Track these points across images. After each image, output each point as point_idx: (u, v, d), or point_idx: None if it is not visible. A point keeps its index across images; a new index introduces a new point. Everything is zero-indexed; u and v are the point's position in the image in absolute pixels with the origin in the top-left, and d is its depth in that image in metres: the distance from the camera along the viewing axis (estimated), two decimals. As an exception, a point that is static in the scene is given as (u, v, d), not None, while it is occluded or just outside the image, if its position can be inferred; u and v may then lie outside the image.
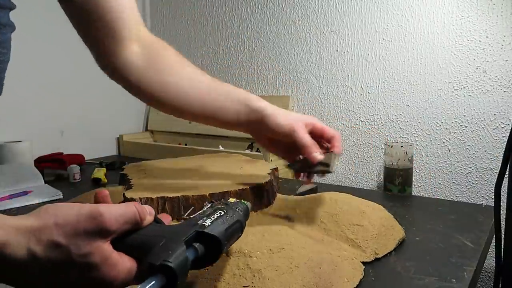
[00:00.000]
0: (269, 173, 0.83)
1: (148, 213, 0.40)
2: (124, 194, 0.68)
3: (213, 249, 0.39)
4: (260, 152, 1.22)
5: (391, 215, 0.75)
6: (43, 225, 0.35)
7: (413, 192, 1.11)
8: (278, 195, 0.86)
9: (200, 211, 0.44)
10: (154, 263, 0.34)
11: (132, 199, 0.64)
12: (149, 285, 0.33)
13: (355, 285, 0.54)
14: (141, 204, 0.40)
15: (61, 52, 1.39)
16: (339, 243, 0.65)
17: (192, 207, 0.46)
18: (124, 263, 0.37)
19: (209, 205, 0.46)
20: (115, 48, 0.64)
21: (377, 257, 0.64)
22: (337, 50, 1.26)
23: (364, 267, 0.59)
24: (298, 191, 0.98)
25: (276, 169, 0.89)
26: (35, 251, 0.34)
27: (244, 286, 0.50)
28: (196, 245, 0.38)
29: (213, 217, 0.42)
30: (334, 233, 0.67)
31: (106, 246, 0.36)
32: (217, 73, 1.56)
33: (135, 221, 0.38)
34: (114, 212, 0.36)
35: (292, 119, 0.65)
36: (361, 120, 1.23)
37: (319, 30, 1.28)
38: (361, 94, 1.22)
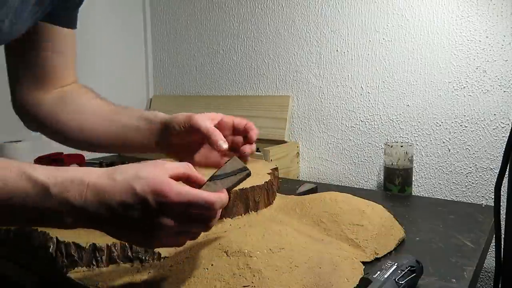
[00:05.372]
0: (269, 173, 0.84)
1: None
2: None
3: None
4: (260, 152, 1.22)
5: (391, 215, 0.75)
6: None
7: (413, 192, 1.11)
8: (278, 195, 0.86)
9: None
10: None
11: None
12: None
13: (355, 285, 0.54)
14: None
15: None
16: (339, 243, 0.65)
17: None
18: None
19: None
20: (36, 90, 0.67)
21: (377, 257, 0.64)
22: (337, 50, 1.26)
23: (364, 267, 0.59)
24: (298, 191, 0.98)
25: (276, 169, 0.89)
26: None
27: (244, 286, 0.50)
28: None
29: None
30: (334, 233, 0.67)
31: None
32: (217, 73, 1.56)
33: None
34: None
35: (191, 114, 0.62)
36: (361, 120, 1.23)
37: (319, 30, 1.28)
38: (361, 94, 1.22)
